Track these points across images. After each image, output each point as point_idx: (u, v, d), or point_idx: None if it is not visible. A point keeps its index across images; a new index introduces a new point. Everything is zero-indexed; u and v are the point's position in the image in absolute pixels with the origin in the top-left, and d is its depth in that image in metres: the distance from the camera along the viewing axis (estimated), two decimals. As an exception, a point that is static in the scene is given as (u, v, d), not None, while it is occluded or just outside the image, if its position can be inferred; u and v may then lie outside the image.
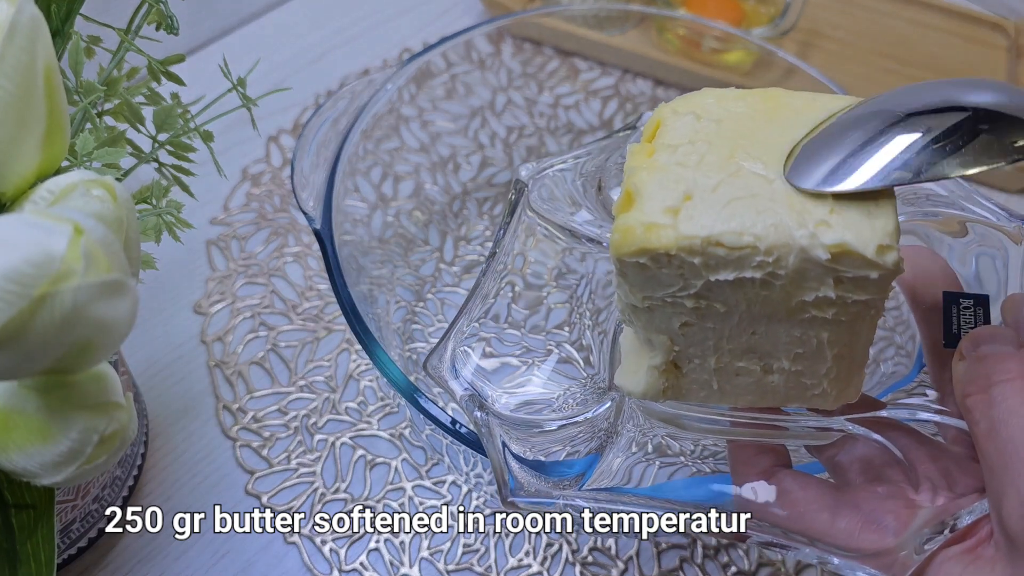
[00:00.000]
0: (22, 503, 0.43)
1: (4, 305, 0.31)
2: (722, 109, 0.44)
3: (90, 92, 0.48)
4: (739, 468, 0.49)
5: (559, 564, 0.63)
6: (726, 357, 0.45)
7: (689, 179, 0.41)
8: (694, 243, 0.39)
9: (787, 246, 0.38)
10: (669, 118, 0.44)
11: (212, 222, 0.80)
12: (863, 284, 0.39)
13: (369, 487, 0.66)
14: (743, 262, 0.39)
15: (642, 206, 0.41)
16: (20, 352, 0.33)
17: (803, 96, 0.44)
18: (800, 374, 0.45)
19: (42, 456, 0.38)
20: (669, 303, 0.42)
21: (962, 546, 0.43)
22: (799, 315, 0.41)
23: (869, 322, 0.42)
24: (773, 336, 0.43)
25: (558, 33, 0.92)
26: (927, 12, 1.03)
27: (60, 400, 0.38)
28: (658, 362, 0.46)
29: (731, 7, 0.96)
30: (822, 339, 0.42)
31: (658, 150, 0.43)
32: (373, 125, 0.69)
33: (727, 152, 0.41)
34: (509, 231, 0.56)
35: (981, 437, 0.41)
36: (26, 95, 0.37)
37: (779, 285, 0.40)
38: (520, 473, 0.47)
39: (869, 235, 0.38)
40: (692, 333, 0.44)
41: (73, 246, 0.32)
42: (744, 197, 0.40)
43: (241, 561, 0.62)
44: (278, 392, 0.70)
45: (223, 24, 0.98)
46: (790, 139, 0.42)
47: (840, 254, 0.38)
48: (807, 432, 0.49)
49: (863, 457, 0.48)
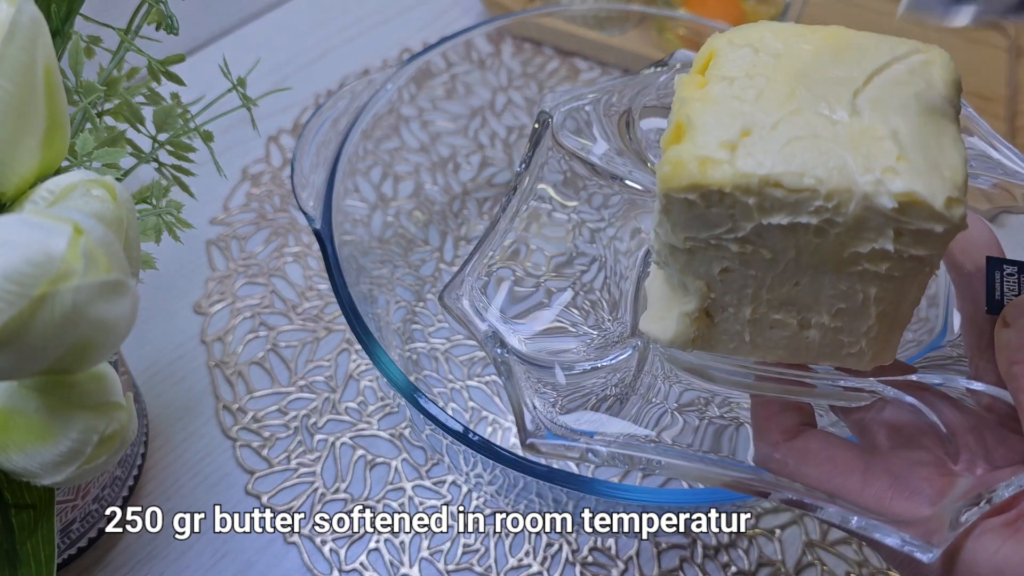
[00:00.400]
0: (22, 503, 0.43)
1: (4, 305, 0.31)
2: (781, 44, 0.41)
3: (90, 92, 0.48)
4: (763, 424, 0.47)
5: (559, 564, 0.63)
6: (763, 308, 0.43)
7: (747, 114, 0.38)
8: (751, 182, 0.37)
9: (849, 192, 0.36)
10: (724, 49, 0.42)
11: (212, 222, 0.80)
12: (924, 238, 0.37)
13: (369, 487, 0.66)
14: (800, 206, 0.37)
15: (695, 139, 0.38)
16: (20, 352, 0.33)
17: (869, 36, 0.42)
18: (839, 331, 0.43)
19: (42, 456, 0.38)
20: (713, 245, 0.40)
21: (1002, 518, 0.41)
22: (849, 268, 0.39)
23: (921, 280, 0.40)
24: (816, 288, 0.41)
25: (558, 33, 0.92)
26: (927, 12, 1.03)
27: (60, 400, 0.39)
28: (691, 308, 0.44)
29: (731, 7, 0.96)
30: (869, 295, 0.40)
31: (712, 81, 0.40)
32: (373, 125, 0.69)
33: (787, 89, 0.39)
34: (533, 164, 0.55)
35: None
36: (26, 95, 0.37)
37: (834, 233, 0.38)
38: (541, 414, 0.46)
39: (939, 186, 0.36)
40: (731, 280, 0.42)
41: (73, 246, 0.32)
42: (806, 137, 0.37)
43: (241, 561, 0.62)
44: (278, 392, 0.70)
45: (223, 24, 0.98)
46: (855, 79, 0.39)
47: (907, 204, 0.36)
48: (836, 392, 0.47)
49: (892, 421, 0.46)
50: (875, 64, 0.40)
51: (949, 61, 0.40)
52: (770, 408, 0.47)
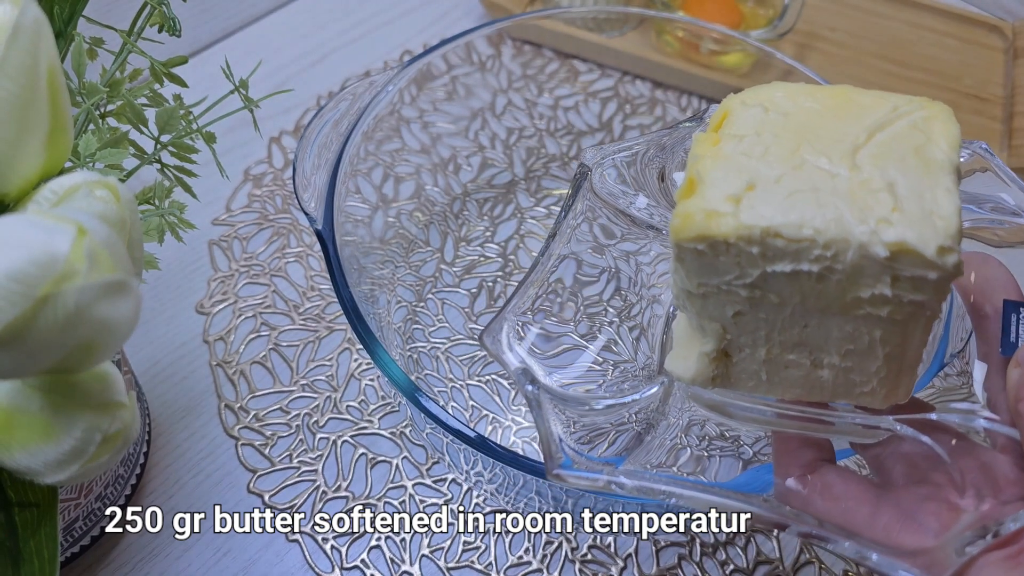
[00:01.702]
0: (25, 501, 0.43)
1: (8, 305, 0.31)
2: (790, 103, 0.44)
3: (93, 93, 0.48)
4: (782, 459, 0.48)
5: (558, 562, 0.64)
6: (776, 349, 0.45)
7: (753, 169, 0.41)
8: (753, 232, 0.39)
9: (846, 241, 0.38)
10: (737, 109, 0.44)
11: (214, 223, 0.80)
12: (920, 284, 0.39)
13: (370, 485, 0.66)
14: (801, 254, 0.39)
15: (704, 193, 0.40)
16: (23, 351, 0.33)
17: (873, 94, 0.44)
18: (849, 371, 0.44)
19: (45, 455, 0.38)
20: (724, 291, 0.42)
21: (1004, 552, 0.42)
22: (853, 311, 0.41)
23: (924, 323, 0.42)
24: (825, 331, 0.43)
25: (558, 35, 0.92)
26: (924, 14, 1.04)
27: (63, 399, 0.38)
28: (709, 349, 0.46)
29: (729, 9, 0.96)
30: (874, 337, 0.42)
31: (724, 139, 0.43)
32: (374, 126, 0.69)
33: (792, 145, 0.41)
34: (571, 214, 0.57)
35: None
36: (29, 96, 0.37)
37: (835, 280, 0.40)
38: (567, 446, 0.47)
39: (931, 235, 0.38)
40: (744, 322, 0.44)
41: (76, 246, 0.32)
42: (806, 190, 0.40)
43: (243, 559, 0.63)
44: (280, 391, 0.70)
45: (225, 26, 0.98)
46: (857, 136, 0.41)
47: (899, 252, 0.38)
48: (853, 429, 0.49)
49: (908, 457, 0.48)
50: (877, 121, 0.42)
51: (950, 116, 0.42)
52: (790, 444, 0.49)
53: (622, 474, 0.47)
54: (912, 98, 0.43)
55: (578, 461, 0.47)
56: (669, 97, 0.93)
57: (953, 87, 0.96)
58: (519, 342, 0.52)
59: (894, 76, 0.97)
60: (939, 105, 0.43)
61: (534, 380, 0.49)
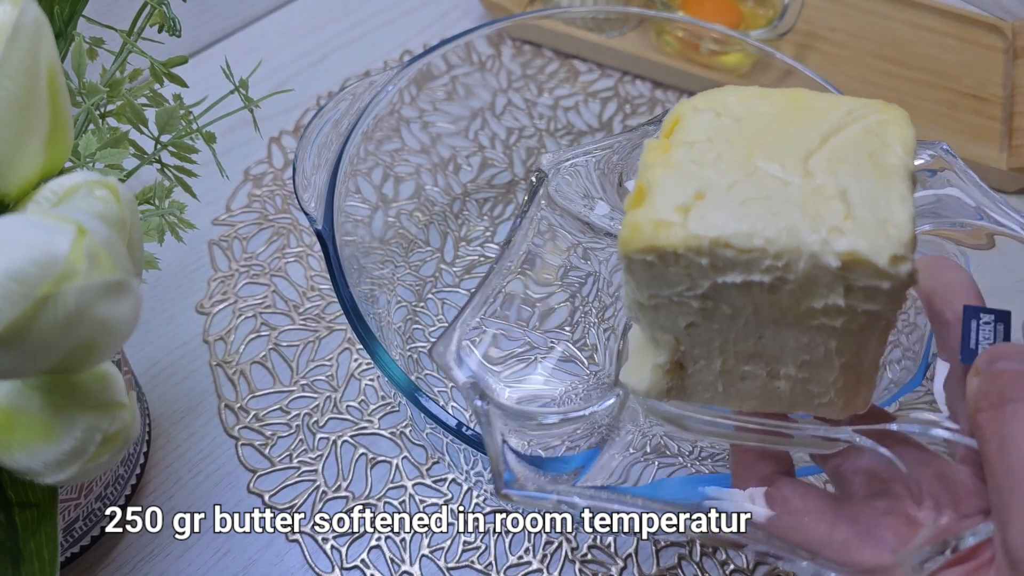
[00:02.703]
0: (25, 501, 0.43)
1: (8, 305, 0.31)
2: (743, 107, 0.43)
3: (93, 93, 0.48)
4: (740, 472, 0.48)
5: (558, 562, 0.64)
6: (732, 360, 0.44)
7: (703, 177, 0.39)
8: (702, 243, 0.38)
9: (797, 251, 0.37)
10: (689, 114, 0.43)
11: (214, 222, 0.80)
12: (874, 294, 0.38)
13: (370, 485, 0.66)
14: (752, 265, 0.38)
15: (653, 202, 0.39)
16: (23, 351, 0.33)
17: (827, 98, 0.43)
18: (807, 381, 0.43)
19: (45, 455, 0.38)
20: (675, 302, 0.41)
21: (963, 568, 0.41)
22: (807, 322, 0.40)
23: (879, 333, 0.41)
24: (780, 341, 0.42)
25: (558, 35, 0.92)
26: (924, 14, 1.04)
27: (63, 399, 0.38)
28: (663, 361, 0.45)
29: (729, 9, 0.96)
30: (830, 347, 0.41)
31: (674, 146, 0.42)
32: (374, 126, 0.69)
33: (745, 152, 0.40)
34: (526, 220, 0.56)
35: (991, 456, 0.39)
36: (29, 96, 0.37)
37: (788, 290, 0.39)
38: (517, 466, 0.46)
39: (883, 244, 0.37)
40: (698, 334, 0.43)
41: (76, 246, 0.32)
42: (758, 198, 0.38)
43: (243, 559, 0.63)
44: (280, 391, 0.70)
45: (225, 26, 0.98)
46: (810, 141, 0.40)
47: (851, 262, 0.37)
48: (812, 441, 0.48)
49: (868, 469, 0.47)
50: (831, 125, 0.41)
51: (905, 120, 0.41)
52: (748, 457, 0.48)
53: (575, 494, 0.46)
54: (868, 101, 0.42)
55: (525, 479, 0.46)
56: (669, 97, 0.93)
57: (953, 87, 0.96)
58: (470, 356, 0.51)
59: (894, 76, 0.97)
60: (894, 108, 0.42)
61: (483, 395, 0.48)
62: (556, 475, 0.47)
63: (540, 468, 0.47)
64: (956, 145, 0.88)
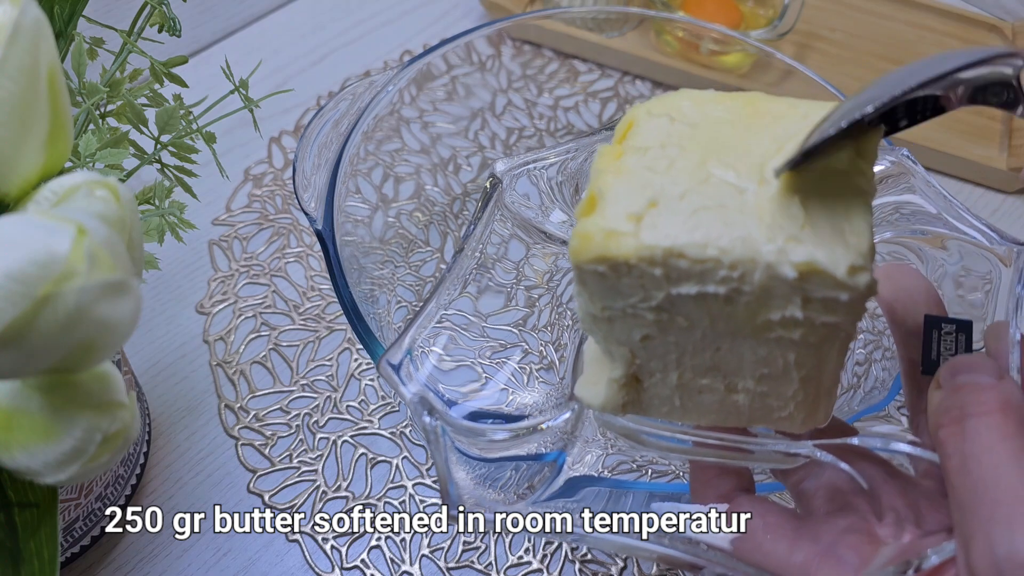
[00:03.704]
0: (25, 502, 0.43)
1: (8, 305, 0.31)
2: (698, 112, 0.41)
3: (93, 93, 0.48)
4: (698, 490, 0.47)
5: (559, 562, 0.64)
6: (689, 373, 0.42)
7: (656, 185, 0.38)
8: (655, 253, 0.37)
9: (753, 261, 0.36)
10: (642, 119, 0.42)
11: (214, 223, 0.80)
12: (832, 306, 0.37)
13: (370, 485, 0.66)
14: (706, 276, 0.37)
15: (604, 211, 0.38)
16: (23, 352, 0.33)
17: (784, 101, 0.42)
18: (765, 395, 0.42)
19: (45, 455, 0.38)
20: (629, 314, 0.40)
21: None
22: (765, 334, 0.39)
23: (839, 346, 0.40)
24: (737, 354, 0.41)
25: (558, 35, 0.92)
26: (924, 14, 1.03)
27: (63, 399, 0.38)
28: (618, 375, 0.43)
29: (729, 9, 0.96)
30: (788, 360, 0.40)
31: (627, 152, 0.40)
32: (374, 126, 0.69)
33: (699, 158, 0.39)
34: (479, 227, 0.55)
35: (952, 473, 0.39)
36: (29, 96, 0.37)
37: (744, 302, 0.38)
38: (465, 483, 0.45)
39: (841, 254, 0.36)
40: (653, 347, 0.42)
41: (77, 246, 0.32)
42: (712, 207, 0.37)
43: (243, 559, 0.63)
44: (280, 391, 0.70)
45: (225, 26, 0.98)
46: (766, 147, 0.39)
47: (808, 273, 0.36)
48: (772, 456, 0.47)
49: (830, 485, 0.46)
50: (787, 131, 0.40)
51: None
52: (707, 473, 0.47)
53: (529, 515, 0.45)
54: (825, 104, 0.41)
55: (473, 497, 0.45)
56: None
57: (953, 87, 0.96)
58: (423, 365, 0.49)
59: (894, 76, 0.97)
60: None
61: (432, 411, 0.46)
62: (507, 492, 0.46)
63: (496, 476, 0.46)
64: (956, 145, 0.88)
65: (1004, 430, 0.38)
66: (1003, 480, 0.37)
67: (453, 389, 0.50)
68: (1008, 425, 0.38)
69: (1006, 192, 0.89)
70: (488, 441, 0.47)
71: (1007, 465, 0.37)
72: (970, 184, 0.90)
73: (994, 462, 0.37)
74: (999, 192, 0.89)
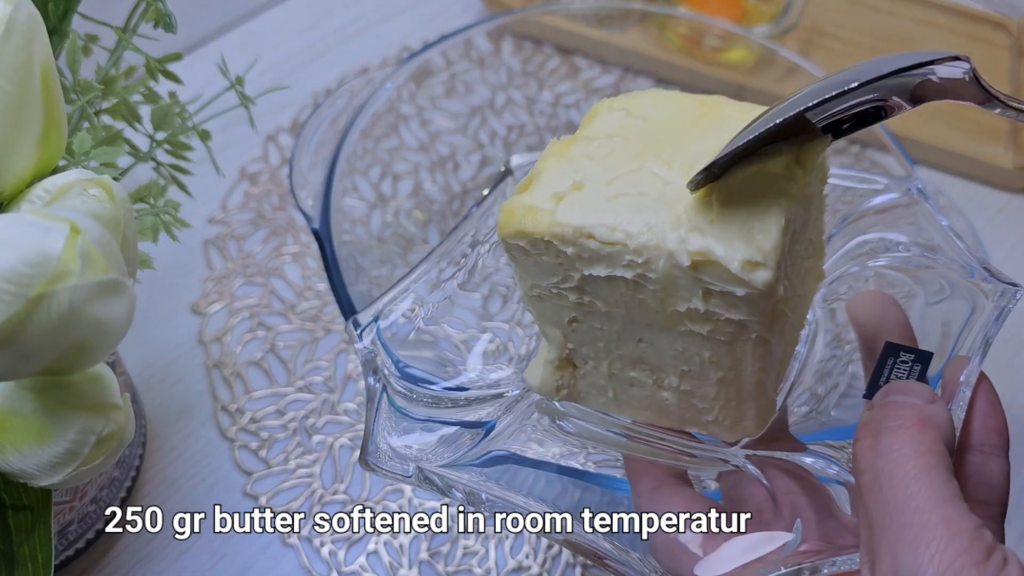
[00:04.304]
0: (19, 504, 0.43)
1: (1, 305, 0.31)
2: (655, 109, 0.43)
3: (87, 91, 0.48)
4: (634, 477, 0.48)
5: (559, 566, 0.63)
6: (618, 364, 0.44)
7: (587, 170, 0.41)
8: (566, 231, 0.39)
9: (658, 248, 0.38)
10: (602, 112, 0.44)
11: (210, 221, 0.80)
12: (733, 301, 0.38)
13: (368, 488, 0.65)
14: (614, 259, 0.39)
15: (533, 190, 0.41)
16: (17, 352, 0.33)
17: (742, 106, 0.43)
18: (690, 395, 0.44)
19: (39, 457, 0.39)
20: (554, 294, 0.42)
21: None
22: (677, 327, 0.41)
23: (751, 348, 0.41)
24: (659, 348, 0.42)
25: (558, 31, 0.91)
26: (929, 10, 1.03)
27: (57, 401, 0.39)
28: (552, 357, 0.46)
29: (732, 5, 0.95)
30: (704, 358, 0.42)
31: (577, 140, 0.43)
32: (372, 124, 0.69)
33: (638, 150, 0.41)
34: (480, 208, 0.56)
35: (864, 489, 0.38)
36: (23, 94, 0.37)
37: (651, 290, 0.39)
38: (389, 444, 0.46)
39: (740, 249, 0.37)
40: (581, 331, 0.44)
41: (70, 246, 0.33)
42: (632, 194, 0.39)
43: (239, 564, 0.62)
44: (276, 393, 0.70)
45: (221, 22, 0.97)
46: (707, 146, 0.40)
47: (703, 263, 0.37)
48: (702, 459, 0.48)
49: (758, 498, 0.46)
50: (733, 133, 0.40)
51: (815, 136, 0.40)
52: (641, 461, 0.48)
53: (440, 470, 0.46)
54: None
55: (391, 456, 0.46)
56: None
57: (957, 85, 0.96)
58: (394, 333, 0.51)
59: (897, 73, 0.97)
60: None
61: (376, 371, 0.48)
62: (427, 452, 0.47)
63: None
64: (962, 143, 0.88)
65: (918, 445, 0.37)
66: (913, 500, 0.36)
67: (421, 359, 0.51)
68: (923, 441, 0.38)
69: (1012, 190, 0.89)
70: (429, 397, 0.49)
71: (918, 484, 0.36)
72: (976, 182, 0.89)
73: (905, 480, 0.36)
74: (1005, 190, 0.89)
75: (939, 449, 0.37)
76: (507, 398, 0.50)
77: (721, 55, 0.91)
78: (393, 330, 0.51)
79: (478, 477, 0.48)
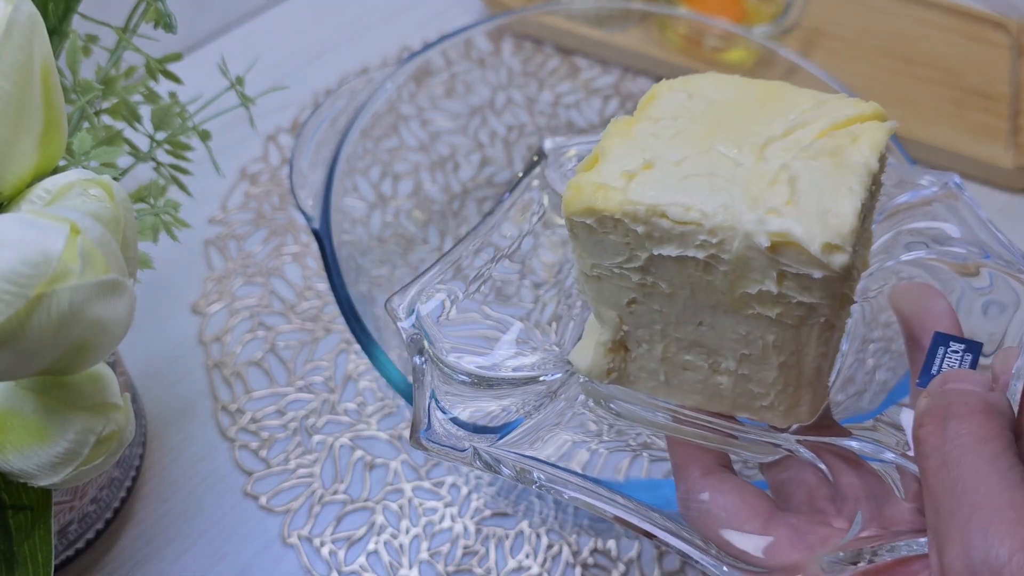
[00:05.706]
0: (19, 504, 0.43)
1: (1, 305, 0.31)
2: (717, 92, 0.43)
3: (87, 91, 0.48)
4: (680, 463, 0.47)
5: (559, 566, 0.63)
6: (673, 347, 0.44)
7: (656, 149, 0.40)
8: (638, 210, 0.38)
9: (733, 229, 0.37)
10: (663, 93, 0.44)
11: (210, 221, 0.79)
12: (807, 284, 0.38)
13: (368, 488, 0.65)
14: (687, 239, 0.38)
15: (601, 168, 0.40)
16: (17, 352, 0.33)
17: (806, 92, 0.43)
18: (747, 379, 0.43)
19: (39, 457, 0.39)
20: (616, 274, 0.42)
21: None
22: (744, 310, 0.40)
23: (818, 332, 0.41)
24: (720, 331, 0.42)
25: (559, 31, 0.91)
26: (930, 10, 1.03)
27: (57, 401, 0.39)
28: (605, 339, 0.45)
29: (732, 5, 0.95)
30: (767, 342, 0.41)
31: (640, 120, 0.42)
32: (372, 124, 0.69)
33: (706, 131, 0.41)
34: (515, 193, 0.56)
35: (930, 473, 0.38)
36: (23, 94, 0.37)
37: (723, 271, 0.39)
38: (442, 422, 0.46)
39: (818, 230, 0.36)
40: (639, 312, 0.43)
41: (70, 246, 0.33)
42: (703, 175, 0.39)
43: (239, 564, 0.62)
44: (276, 393, 0.70)
45: (221, 22, 0.97)
46: (775, 130, 0.41)
47: (782, 244, 0.37)
48: (752, 444, 0.47)
49: (809, 484, 0.46)
50: (800, 117, 0.41)
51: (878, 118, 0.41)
52: (688, 447, 0.47)
53: (494, 449, 0.46)
54: (845, 98, 0.42)
55: (444, 434, 0.46)
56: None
57: (958, 84, 0.96)
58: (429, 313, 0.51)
59: (899, 73, 0.97)
60: (871, 107, 0.42)
61: (422, 351, 0.48)
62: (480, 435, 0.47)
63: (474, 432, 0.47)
64: (962, 143, 0.88)
65: (986, 432, 0.38)
66: (983, 484, 0.36)
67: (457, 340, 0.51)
68: (990, 427, 0.38)
69: (1012, 190, 0.89)
70: (471, 382, 0.49)
71: (987, 468, 0.37)
72: (976, 182, 0.89)
73: (974, 464, 0.37)
74: (1005, 190, 0.89)
75: (1007, 436, 0.38)
76: (545, 382, 0.50)
77: (721, 55, 0.91)
78: (434, 315, 0.51)
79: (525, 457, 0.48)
